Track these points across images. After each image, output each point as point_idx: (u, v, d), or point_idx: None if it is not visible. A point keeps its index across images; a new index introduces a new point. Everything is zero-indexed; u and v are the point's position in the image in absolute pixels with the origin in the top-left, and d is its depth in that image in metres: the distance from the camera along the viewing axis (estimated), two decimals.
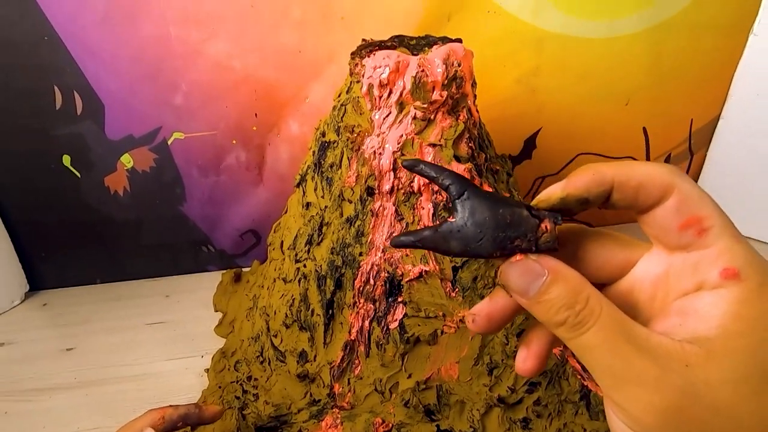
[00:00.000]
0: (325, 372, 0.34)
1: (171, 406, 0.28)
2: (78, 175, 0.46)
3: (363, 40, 0.35)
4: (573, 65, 0.48)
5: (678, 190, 0.15)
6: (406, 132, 0.31)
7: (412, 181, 0.31)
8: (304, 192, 0.36)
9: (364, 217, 0.33)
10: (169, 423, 0.27)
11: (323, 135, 0.35)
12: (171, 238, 0.51)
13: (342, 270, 0.33)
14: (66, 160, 0.46)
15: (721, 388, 0.13)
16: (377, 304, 0.33)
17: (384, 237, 0.32)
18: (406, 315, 0.32)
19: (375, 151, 0.32)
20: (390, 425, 0.32)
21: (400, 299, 0.32)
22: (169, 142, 0.46)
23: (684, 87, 0.51)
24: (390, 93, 0.31)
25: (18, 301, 0.49)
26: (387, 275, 0.32)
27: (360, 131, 0.32)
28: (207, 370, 0.39)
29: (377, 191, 0.32)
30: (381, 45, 0.33)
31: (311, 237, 0.35)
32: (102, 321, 0.46)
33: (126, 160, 0.46)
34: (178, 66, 0.43)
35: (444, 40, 0.33)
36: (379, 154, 0.32)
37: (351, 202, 0.33)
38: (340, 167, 0.33)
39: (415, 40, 0.34)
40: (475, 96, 0.34)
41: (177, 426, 0.28)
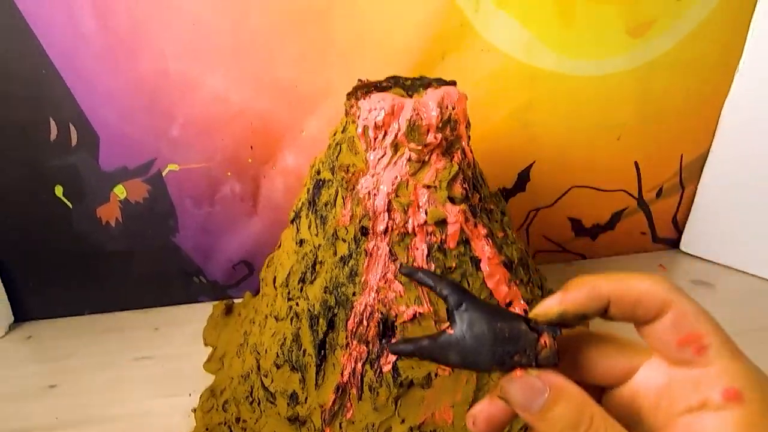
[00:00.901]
0: (316, 415, 0.33)
1: None
2: (69, 206, 0.46)
3: (359, 80, 0.35)
4: (565, 101, 0.49)
5: (675, 306, 0.15)
6: (400, 173, 0.31)
7: (406, 222, 0.31)
8: (298, 229, 0.36)
9: (357, 257, 0.32)
10: None
11: (318, 173, 0.35)
12: (162, 268, 0.50)
13: (335, 310, 0.33)
14: (58, 190, 0.45)
15: None
16: (370, 345, 0.32)
17: (378, 277, 0.32)
18: (399, 357, 0.32)
19: (369, 192, 0.32)
20: None
21: (393, 341, 0.32)
22: (164, 173, 0.46)
23: (673, 123, 0.52)
24: (385, 134, 0.31)
25: (1, 333, 0.48)
26: (380, 316, 0.32)
27: (355, 171, 0.32)
28: (194, 409, 0.38)
29: (371, 231, 0.32)
30: (377, 86, 0.33)
31: (304, 275, 0.34)
32: (87, 356, 0.45)
33: (119, 191, 0.46)
34: (174, 98, 0.44)
35: (439, 81, 0.34)
36: (374, 194, 0.32)
37: (345, 241, 0.33)
38: (334, 206, 0.33)
39: (411, 80, 0.35)
40: (469, 137, 0.34)
41: None
